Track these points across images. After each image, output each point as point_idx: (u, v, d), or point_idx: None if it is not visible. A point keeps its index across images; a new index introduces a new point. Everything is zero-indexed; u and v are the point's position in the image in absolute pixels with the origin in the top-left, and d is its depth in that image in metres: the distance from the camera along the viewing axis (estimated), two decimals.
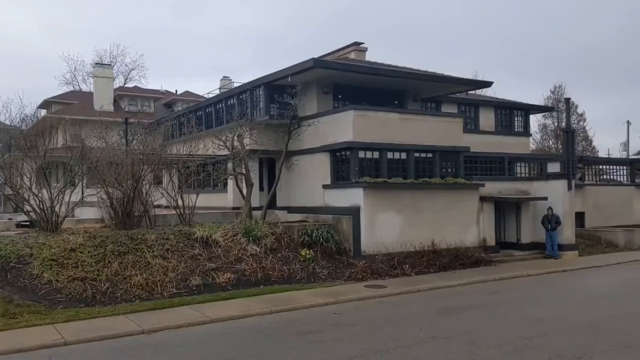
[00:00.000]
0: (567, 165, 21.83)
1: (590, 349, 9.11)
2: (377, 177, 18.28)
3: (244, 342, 10.03)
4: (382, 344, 9.51)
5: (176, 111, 32.97)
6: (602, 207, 26.11)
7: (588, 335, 10.00)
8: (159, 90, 46.47)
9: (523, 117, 30.64)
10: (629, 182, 28.62)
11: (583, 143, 53.48)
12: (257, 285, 14.57)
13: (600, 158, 37.51)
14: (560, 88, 53.53)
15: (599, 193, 26.63)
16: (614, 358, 8.73)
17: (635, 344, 9.39)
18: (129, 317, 11.51)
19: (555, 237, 20.90)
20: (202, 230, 16.33)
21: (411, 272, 16.79)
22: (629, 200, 27.76)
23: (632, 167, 29.07)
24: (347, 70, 19.93)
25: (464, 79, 23.88)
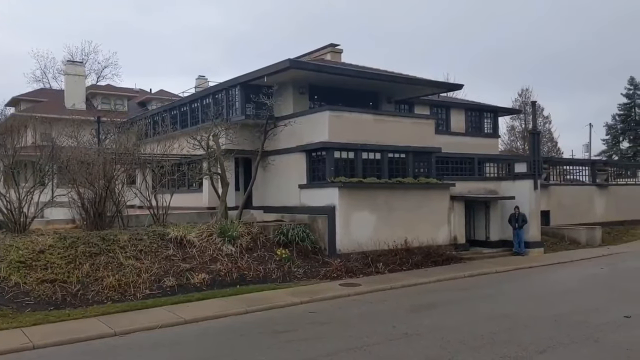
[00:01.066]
0: (533, 165, 22.43)
1: (553, 342, 9.45)
2: (352, 177, 18.43)
3: (218, 342, 10.02)
4: (356, 342, 9.62)
5: (150, 110, 32.56)
6: (565, 206, 26.88)
7: (552, 329, 10.34)
8: (133, 89, 45.79)
9: (492, 119, 31.53)
10: (591, 182, 29.52)
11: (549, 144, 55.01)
12: (232, 286, 14.52)
13: (564, 159, 38.57)
14: (527, 91, 55.06)
15: (563, 192, 27.40)
16: (574, 350, 9.06)
17: (595, 337, 9.73)
18: (101, 319, 11.35)
19: (522, 235, 21.43)
20: (176, 230, 16.21)
21: (385, 270, 16.99)
22: (590, 200, 28.67)
23: (593, 168, 30.01)
24: (323, 72, 20.03)
25: (436, 82, 24.27)
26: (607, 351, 8.97)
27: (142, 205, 19.63)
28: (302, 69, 19.54)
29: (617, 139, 56.64)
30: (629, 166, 36.75)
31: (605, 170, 30.30)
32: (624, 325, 10.59)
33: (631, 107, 55.59)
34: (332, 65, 21.53)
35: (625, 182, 32.45)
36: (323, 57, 24.26)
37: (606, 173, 30.17)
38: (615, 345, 9.24)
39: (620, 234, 27.19)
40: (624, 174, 34.05)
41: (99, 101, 39.19)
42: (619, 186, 31.10)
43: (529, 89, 55.66)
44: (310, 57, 24.64)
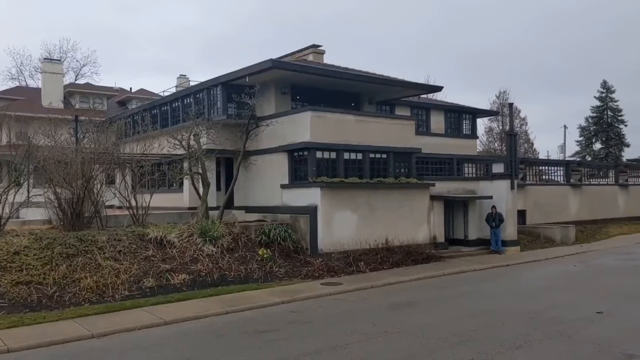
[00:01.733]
0: (510, 166, 22.83)
1: (529, 337, 9.66)
2: (334, 177, 18.49)
3: (198, 343, 9.94)
4: (337, 340, 9.66)
5: (130, 109, 32.19)
6: (541, 205, 27.43)
7: (527, 325, 10.56)
8: (113, 88, 45.20)
9: (471, 120, 32.02)
10: (565, 182, 30.12)
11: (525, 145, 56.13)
12: (213, 286, 14.43)
13: (540, 159, 39.32)
14: (505, 93, 56.06)
15: (539, 192, 27.95)
16: (549, 345, 9.26)
17: (568, 333, 9.95)
18: (78, 321, 11.17)
19: (499, 234, 21.77)
20: (156, 230, 16.06)
21: (366, 269, 17.08)
22: (565, 199, 29.29)
23: (567, 168, 30.64)
24: (305, 72, 20.03)
25: (416, 84, 24.48)
26: (579, 346, 9.17)
27: (121, 206, 19.44)
28: (285, 69, 19.51)
29: (590, 140, 57.91)
30: (601, 167, 37.53)
31: (578, 170, 30.94)
32: (596, 321, 10.86)
33: (603, 109, 56.89)
34: (315, 66, 21.54)
35: (597, 182, 33.21)
36: (305, 58, 24.26)
37: (580, 173, 30.81)
38: (587, 340, 9.47)
39: (593, 232, 27.81)
40: (597, 174, 34.85)
41: (77, 100, 38.61)
42: (592, 186, 31.82)
43: (506, 92, 56.78)
44: (292, 57, 24.62)
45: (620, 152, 55.55)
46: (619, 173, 33.74)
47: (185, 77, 41.88)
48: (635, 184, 34.78)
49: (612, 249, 23.37)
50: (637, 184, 35.01)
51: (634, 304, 12.54)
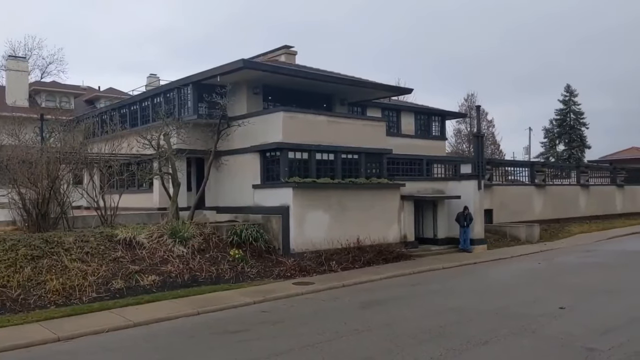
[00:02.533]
0: (477, 166, 23.29)
1: (495, 333, 9.89)
2: (306, 177, 18.55)
3: (168, 344, 9.86)
4: (308, 339, 9.70)
5: (99, 108, 31.60)
6: (507, 204, 28.02)
7: (494, 321, 10.83)
8: (80, 86, 44.18)
9: (440, 122, 32.69)
10: (530, 183, 30.84)
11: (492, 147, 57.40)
12: (184, 287, 14.29)
13: (506, 160, 40.32)
14: (473, 96, 57.18)
15: (505, 192, 28.54)
16: (514, 341, 9.52)
17: (532, 328, 10.22)
18: (43, 324, 10.92)
19: (468, 233, 22.22)
20: (125, 231, 15.83)
21: (338, 268, 17.19)
22: (529, 199, 29.99)
23: (532, 169, 31.37)
24: (277, 72, 20.04)
25: (387, 85, 24.75)
26: (543, 341, 9.43)
27: (89, 206, 19.09)
28: (256, 70, 19.47)
29: (554, 142, 59.49)
30: (564, 167, 38.62)
31: (543, 171, 31.66)
32: (558, 316, 11.15)
33: (567, 112, 58.57)
34: (286, 67, 21.57)
35: (560, 183, 34.09)
36: (277, 59, 24.28)
37: (544, 174, 31.52)
38: (550, 335, 9.74)
39: (556, 231, 28.43)
40: (560, 174, 35.82)
41: (43, 98, 37.65)
42: (555, 186, 32.65)
43: (474, 95, 57.94)
44: (264, 58, 24.60)
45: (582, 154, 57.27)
46: (581, 174, 34.66)
47: (155, 77, 41.28)
48: (596, 185, 35.81)
49: (574, 246, 23.95)
50: (597, 185, 36.05)
51: (594, 299, 12.93)
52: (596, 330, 9.95)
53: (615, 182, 37.33)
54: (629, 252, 21.79)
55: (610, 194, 36.51)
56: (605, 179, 37.36)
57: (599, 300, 12.88)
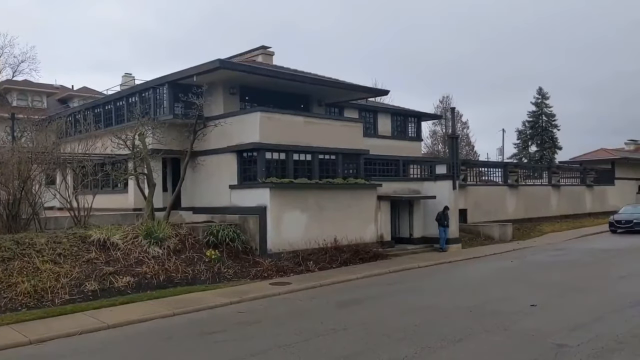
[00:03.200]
0: (452, 167, 23.68)
1: (469, 331, 10.04)
2: (284, 177, 18.55)
3: (143, 346, 9.77)
4: (285, 339, 9.70)
5: (72, 107, 31.05)
6: (481, 204, 28.55)
7: (468, 319, 10.97)
8: (53, 85, 43.35)
9: (416, 123, 33.11)
10: (503, 183, 31.48)
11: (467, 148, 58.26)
12: (159, 288, 14.13)
13: (480, 161, 41.10)
14: (448, 98, 57.94)
15: (479, 192, 29.09)
16: (487, 338, 9.67)
17: (505, 325, 10.40)
18: (14, 327, 10.69)
19: (447, 232, 22.55)
20: (99, 232, 15.59)
21: (315, 268, 17.23)
22: (503, 198, 30.62)
23: (505, 170, 32.05)
24: (253, 73, 20.00)
25: (364, 87, 24.88)
26: (515, 338, 9.60)
27: (62, 207, 18.75)
28: (233, 70, 19.39)
29: (526, 143, 60.72)
30: (536, 168, 39.51)
31: (515, 171, 32.37)
32: (530, 313, 11.34)
33: (539, 114, 59.82)
34: (263, 67, 21.52)
35: (532, 183, 34.86)
36: (254, 59, 24.22)
37: (517, 174, 32.22)
38: (522, 331, 9.92)
39: (529, 230, 29.02)
40: (532, 175, 36.64)
41: (15, 97, 36.86)
42: (527, 186, 33.39)
43: (449, 97, 58.67)
44: (241, 58, 24.52)
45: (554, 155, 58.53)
46: (552, 174, 35.51)
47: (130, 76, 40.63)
48: (566, 185, 36.70)
49: (546, 245, 24.40)
50: (568, 185, 36.95)
51: (564, 297, 13.20)
52: (566, 327, 10.10)
53: (585, 182, 38.37)
54: (597, 251, 22.24)
55: (580, 194, 37.51)
56: (575, 180, 38.37)
57: (569, 297, 13.13)
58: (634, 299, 12.41)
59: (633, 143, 53.75)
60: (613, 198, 40.23)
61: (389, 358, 8.55)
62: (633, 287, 14.09)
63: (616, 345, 8.92)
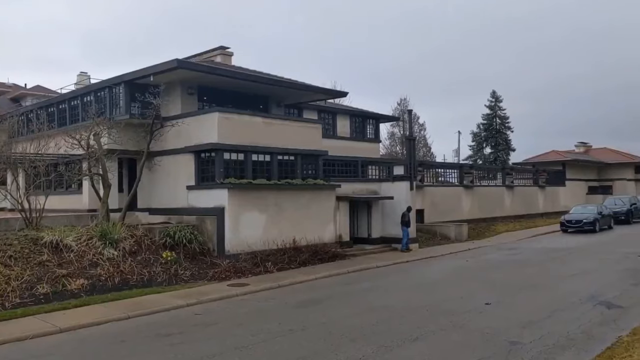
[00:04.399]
0: (409, 168, 24.14)
1: (425, 329, 10.28)
2: (242, 178, 18.51)
3: (96, 350, 9.62)
4: (242, 341, 9.72)
5: (25, 106, 30.00)
6: (438, 204, 29.20)
7: (424, 318, 11.22)
8: (5, 84, 41.84)
9: (374, 125, 33.48)
10: (459, 184, 32.30)
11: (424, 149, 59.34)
12: (114, 291, 13.95)
13: (437, 162, 42.05)
14: (405, 100, 58.84)
15: (436, 193, 29.73)
16: (443, 336, 9.93)
17: (460, 324, 10.66)
18: None
19: (408, 232, 22.93)
20: (51, 234, 15.24)
21: (273, 269, 17.26)
22: (458, 199, 31.43)
23: (461, 171, 32.92)
24: (212, 73, 19.86)
25: (323, 88, 25.11)
26: (470, 335, 9.83)
27: (13, 208, 18.18)
28: (191, 70, 19.22)
29: (481, 145, 62.23)
30: (490, 169, 40.57)
31: (471, 173, 33.30)
32: (484, 311, 11.61)
33: (493, 117, 61.51)
34: (222, 68, 21.40)
35: (487, 184, 35.88)
36: (213, 59, 24.06)
37: (472, 175, 33.15)
38: (477, 329, 10.15)
39: (483, 230, 29.77)
40: (486, 176, 37.63)
41: None
42: (482, 187, 34.35)
43: (406, 99, 59.58)
44: (200, 58, 24.32)
45: (507, 156, 60.17)
46: (506, 175, 36.64)
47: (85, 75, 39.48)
48: (520, 186, 37.87)
49: (500, 244, 25.04)
50: (521, 186, 38.13)
51: (517, 294, 13.55)
52: (519, 324, 10.35)
53: (538, 183, 39.70)
54: (549, 249, 22.86)
55: (533, 195, 38.77)
56: (528, 181, 39.59)
57: (522, 295, 13.42)
58: (584, 296, 12.86)
59: (583, 145, 55.70)
60: (564, 198, 41.67)
61: (347, 357, 8.66)
62: (583, 284, 14.54)
63: (567, 342, 9.19)
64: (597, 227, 29.79)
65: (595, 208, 31.95)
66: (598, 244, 24.60)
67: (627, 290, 13.63)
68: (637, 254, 19.90)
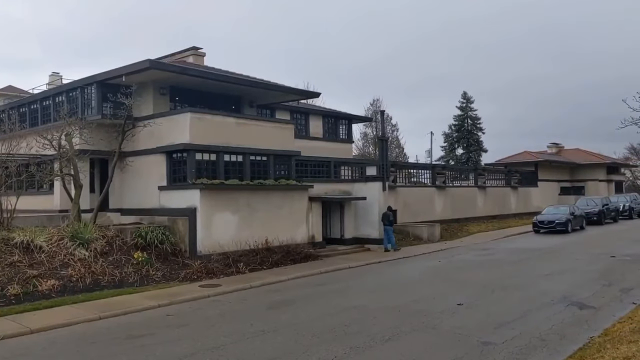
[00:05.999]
0: (382, 169, 24.39)
1: (398, 330, 10.32)
2: (214, 178, 18.60)
3: (67, 351, 9.66)
4: (214, 342, 9.77)
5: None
6: (410, 205, 29.46)
7: (396, 319, 11.24)
8: None
9: (347, 125, 33.65)
10: (432, 184, 32.64)
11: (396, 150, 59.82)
12: (85, 292, 13.96)
13: (409, 163, 42.22)
14: (378, 101, 59.31)
15: (408, 193, 29.94)
16: (415, 337, 9.99)
17: (432, 324, 10.71)
18: None
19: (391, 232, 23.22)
20: (22, 234, 15.18)
21: (245, 269, 17.37)
22: (431, 199, 31.73)
23: (433, 172, 33.25)
24: (184, 74, 19.87)
25: (295, 89, 25.19)
26: (442, 336, 9.90)
27: None
28: (163, 70, 19.23)
29: (453, 146, 62.92)
30: (462, 170, 40.90)
31: (443, 173, 33.63)
32: (457, 312, 11.63)
33: (464, 118, 62.34)
34: (194, 68, 21.36)
35: (459, 184, 36.20)
36: (185, 60, 24.04)
37: (444, 176, 33.48)
38: (449, 330, 10.21)
39: (456, 230, 29.95)
40: (459, 177, 37.97)
41: None
42: (455, 188, 34.70)
43: (379, 100, 60.02)
44: (172, 59, 24.28)
45: (479, 157, 60.92)
46: (478, 176, 36.95)
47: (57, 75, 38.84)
48: (492, 186, 38.22)
49: (473, 245, 25.11)
50: (494, 186, 38.49)
51: (490, 295, 13.50)
52: (491, 325, 10.42)
53: (510, 183, 40.08)
54: (521, 250, 22.95)
55: (505, 195, 39.15)
56: (500, 181, 39.90)
57: (495, 295, 13.43)
58: (556, 296, 12.94)
59: (555, 146, 56.41)
60: (537, 199, 42.20)
61: (319, 358, 8.75)
62: (555, 285, 14.62)
63: (539, 342, 9.26)
64: (570, 228, 29.93)
65: (567, 209, 32.04)
66: (570, 244, 24.64)
67: (599, 291, 13.70)
68: (609, 255, 20.05)
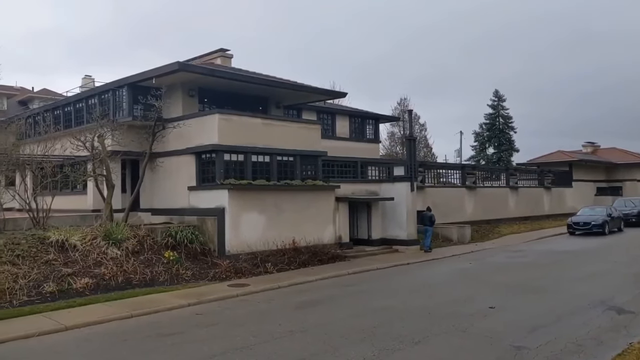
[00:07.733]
0: (410, 169, 24.04)
1: (427, 333, 10.15)
2: (242, 179, 18.76)
3: (100, 348, 9.86)
4: (243, 341, 9.79)
5: (32, 109, 30.53)
6: (439, 205, 28.55)
7: (426, 321, 11.05)
8: (13, 87, 42.37)
9: (374, 125, 33.42)
10: (461, 185, 32.02)
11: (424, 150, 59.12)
12: (117, 290, 14.26)
13: (438, 163, 41.72)
14: (406, 100, 58.73)
15: (437, 194, 29.39)
16: (445, 340, 9.77)
17: (463, 327, 10.46)
18: None
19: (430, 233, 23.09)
20: (57, 234, 15.59)
21: (273, 269, 17.45)
22: (461, 200, 31.10)
23: (463, 172, 32.61)
24: (212, 75, 20.16)
25: (322, 89, 25.19)
26: (473, 339, 9.66)
27: (21, 209, 18.62)
28: (191, 72, 19.55)
29: (483, 145, 61.90)
30: (493, 170, 40.12)
31: (473, 173, 32.92)
32: (488, 315, 11.37)
33: (495, 116, 61.29)
34: (222, 70, 21.67)
35: (490, 185, 35.46)
36: (213, 61, 24.36)
37: (474, 176, 32.75)
38: (480, 333, 9.96)
39: (487, 232, 29.32)
40: (490, 177, 37.21)
41: None
42: (485, 188, 33.94)
43: (407, 99, 59.43)
44: (200, 60, 24.66)
45: (511, 157, 59.80)
46: (510, 176, 36.07)
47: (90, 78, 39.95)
48: (524, 187, 37.22)
49: (504, 247, 24.50)
50: (526, 187, 37.50)
51: (522, 298, 13.20)
52: (524, 329, 10.16)
53: (543, 184, 39.01)
54: (556, 252, 22.39)
55: (538, 196, 38.12)
56: (533, 181, 38.87)
57: (528, 298, 13.12)
58: (593, 300, 12.56)
59: (590, 145, 54.55)
60: (571, 200, 41.11)
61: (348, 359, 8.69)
62: (591, 288, 14.26)
63: (575, 348, 8.97)
64: (607, 230, 28.94)
65: (604, 210, 31.06)
66: (607, 246, 23.97)
67: (638, 295, 13.29)
68: None
